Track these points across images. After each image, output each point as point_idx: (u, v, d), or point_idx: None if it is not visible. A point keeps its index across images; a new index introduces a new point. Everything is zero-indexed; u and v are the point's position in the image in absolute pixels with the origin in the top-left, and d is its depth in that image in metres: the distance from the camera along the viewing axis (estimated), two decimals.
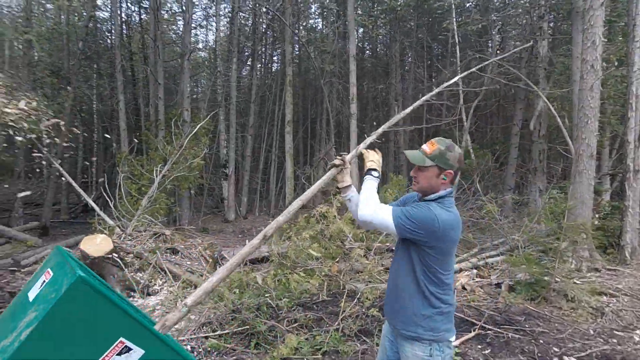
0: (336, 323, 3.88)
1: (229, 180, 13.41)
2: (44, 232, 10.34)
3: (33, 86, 14.10)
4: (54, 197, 12.03)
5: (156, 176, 8.30)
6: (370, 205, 1.78)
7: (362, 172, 2.02)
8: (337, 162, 2.04)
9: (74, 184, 8.26)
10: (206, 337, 3.71)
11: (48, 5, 17.17)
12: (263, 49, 19.55)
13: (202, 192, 14.40)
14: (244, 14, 18.08)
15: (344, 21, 14.27)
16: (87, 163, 17.49)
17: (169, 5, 19.20)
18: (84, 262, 4.92)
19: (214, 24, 19.15)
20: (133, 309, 1.64)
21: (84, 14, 14.64)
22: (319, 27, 21.48)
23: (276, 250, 5.91)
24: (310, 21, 20.87)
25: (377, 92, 20.68)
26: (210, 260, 6.21)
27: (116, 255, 4.97)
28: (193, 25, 16.95)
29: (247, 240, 9.30)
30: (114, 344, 1.14)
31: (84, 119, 18.04)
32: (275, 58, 21.74)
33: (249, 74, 18.29)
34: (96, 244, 4.83)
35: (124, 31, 16.83)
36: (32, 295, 1.27)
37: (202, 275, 5.51)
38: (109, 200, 8.29)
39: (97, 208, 7.43)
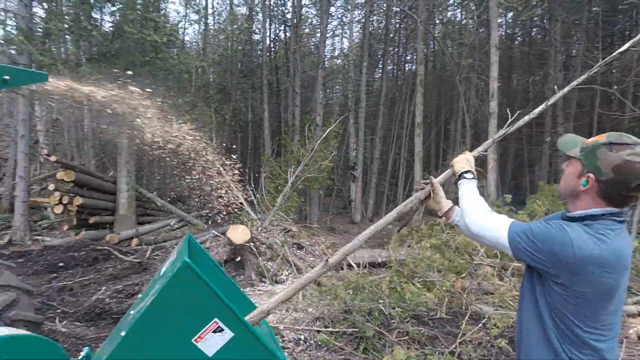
0: (453, 346, 3.56)
1: (357, 182, 13.77)
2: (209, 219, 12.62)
3: (207, 103, 17.40)
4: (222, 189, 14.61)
5: (290, 176, 9.17)
6: (478, 214, 1.45)
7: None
8: (421, 189, 1.78)
9: (229, 181, 9.84)
10: (318, 331, 3.90)
11: (220, 36, 20.85)
12: (394, 50, 19.40)
13: (331, 193, 15.20)
14: (377, 17, 18.33)
15: (487, 6, 12.89)
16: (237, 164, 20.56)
17: (309, 20, 21.00)
18: (230, 248, 5.80)
19: (348, 31, 20.04)
20: (237, 297, 1.87)
21: (243, 38, 17.33)
22: (457, 19, 20.00)
23: (394, 256, 5.79)
24: (448, 13, 19.63)
25: (528, 85, 18.00)
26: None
27: (252, 244, 5.70)
28: (329, 34, 18.11)
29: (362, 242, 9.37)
30: (210, 322, 1.33)
31: (241, 126, 21.27)
32: (409, 57, 21.26)
33: (379, 77, 18.42)
34: (238, 233, 5.64)
35: (272, 48, 19.16)
36: (162, 270, 1.60)
37: None
38: (253, 196, 9.58)
39: (245, 203, 8.66)
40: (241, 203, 8.97)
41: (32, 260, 7.03)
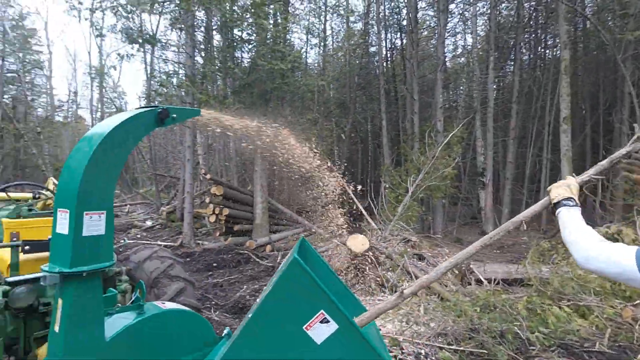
0: None
1: (487, 189, 12.51)
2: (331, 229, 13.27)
3: (327, 118, 18.51)
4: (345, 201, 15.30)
5: (410, 185, 8.97)
6: (593, 245, 1.29)
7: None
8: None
9: (350, 192, 10.21)
10: (441, 348, 3.70)
11: (338, 53, 22.07)
12: (529, 37, 17.11)
13: (456, 202, 14.16)
14: (506, 4, 16.54)
15: None
16: (350, 177, 20.99)
17: (427, 22, 20.36)
18: (350, 256, 6.01)
19: (471, 26, 18.65)
20: (346, 297, 1.97)
21: (359, 52, 17.95)
22: None
23: (533, 273, 5.08)
24: None
25: None
26: (457, 272, 6.07)
27: (372, 254, 5.77)
28: (448, 33, 17.17)
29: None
30: (317, 313, 1.46)
31: (361, 138, 21.86)
32: (549, 42, 18.40)
33: (510, 70, 16.48)
34: (358, 242, 5.80)
35: (388, 58, 19.24)
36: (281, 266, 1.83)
37: (445, 286, 5.49)
38: (373, 206, 9.71)
39: (365, 213, 8.86)
40: (361, 213, 9.18)
41: (195, 260, 8.61)
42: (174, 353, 1.85)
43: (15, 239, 2.50)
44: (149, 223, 13.32)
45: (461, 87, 21.27)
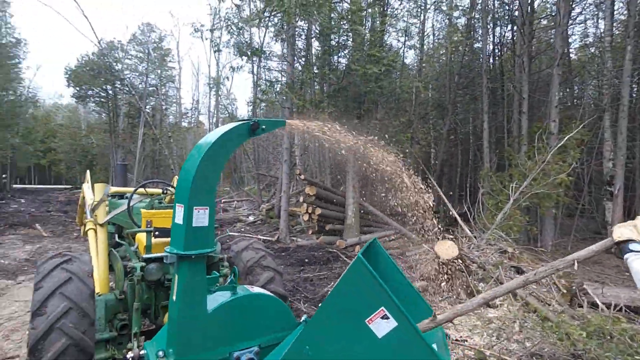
0: None
1: (615, 201, 10.61)
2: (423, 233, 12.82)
3: (424, 120, 17.89)
4: (436, 205, 14.64)
5: (512, 193, 8.21)
6: None
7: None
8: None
9: (444, 197, 9.80)
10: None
11: (439, 52, 21.13)
12: None
13: (573, 213, 12.30)
14: None
15: None
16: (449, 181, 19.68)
17: (547, 9, 18.11)
18: (437, 261, 5.83)
19: (604, 10, 15.93)
20: (412, 298, 2.02)
21: (462, 50, 16.88)
22: None
23: None
24: None
25: None
26: (565, 291, 5.38)
27: (461, 261, 5.50)
28: (576, 21, 15.00)
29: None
30: (378, 309, 1.57)
31: (460, 140, 20.53)
32: None
33: None
34: (445, 248, 5.59)
35: (496, 53, 17.67)
36: None
37: (548, 304, 4.93)
38: (469, 213, 9.14)
39: (459, 219, 8.42)
40: (455, 219, 8.73)
41: (289, 255, 9.29)
42: (256, 331, 2.16)
43: (149, 225, 3.15)
44: (251, 218, 14.74)
45: (587, 82, 18.35)
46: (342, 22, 9.99)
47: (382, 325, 1.59)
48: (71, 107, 43.53)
